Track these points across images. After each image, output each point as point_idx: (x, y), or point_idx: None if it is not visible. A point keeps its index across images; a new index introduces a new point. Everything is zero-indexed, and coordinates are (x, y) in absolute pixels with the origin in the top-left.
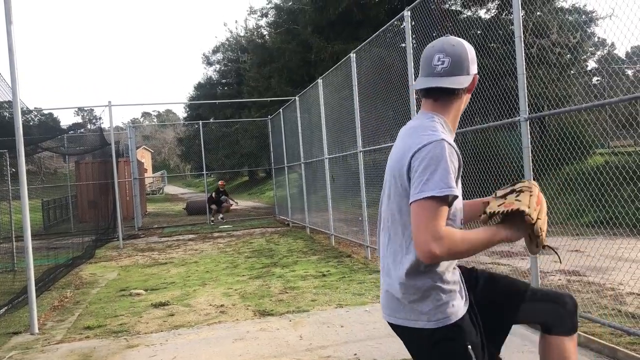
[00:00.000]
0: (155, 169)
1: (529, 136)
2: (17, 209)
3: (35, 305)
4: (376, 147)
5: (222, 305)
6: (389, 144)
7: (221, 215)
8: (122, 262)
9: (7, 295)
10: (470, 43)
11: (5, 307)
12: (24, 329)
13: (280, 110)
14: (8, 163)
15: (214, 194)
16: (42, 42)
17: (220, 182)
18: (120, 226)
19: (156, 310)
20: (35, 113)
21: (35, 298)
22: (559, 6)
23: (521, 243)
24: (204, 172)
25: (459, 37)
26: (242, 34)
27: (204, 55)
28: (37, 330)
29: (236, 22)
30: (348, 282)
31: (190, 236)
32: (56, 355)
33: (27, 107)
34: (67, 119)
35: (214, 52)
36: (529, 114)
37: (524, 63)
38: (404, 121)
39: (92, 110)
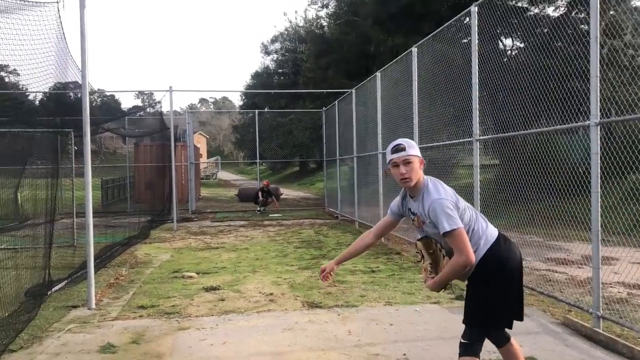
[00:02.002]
0: (209, 154)
1: (599, 142)
2: (78, 186)
3: (93, 281)
4: (433, 144)
5: (271, 294)
6: (446, 142)
7: (264, 208)
8: (175, 244)
9: (67, 269)
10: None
11: (65, 281)
12: (82, 304)
13: (336, 102)
14: (73, 142)
15: (260, 193)
16: (109, 26)
17: (264, 182)
18: (175, 209)
19: (207, 294)
20: (98, 94)
21: (94, 274)
22: (634, 6)
23: (566, 247)
24: (257, 161)
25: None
26: (301, 25)
27: (262, 44)
28: (94, 306)
29: (296, 12)
30: (398, 280)
31: (242, 222)
32: (112, 332)
33: (92, 88)
34: (127, 102)
35: (272, 41)
36: (600, 118)
37: (598, 65)
38: (464, 120)
39: (152, 94)
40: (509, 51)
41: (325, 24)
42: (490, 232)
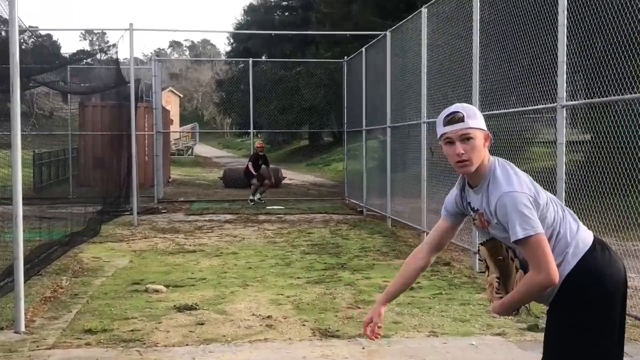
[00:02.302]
0: (184, 120)
1: None
2: (1, 162)
3: (22, 294)
4: (497, 111)
5: (269, 317)
6: (517, 109)
7: (258, 196)
8: (136, 245)
9: None
10: None
11: None
12: (6, 325)
13: (363, 49)
14: None
15: (250, 164)
16: None
17: (258, 144)
18: (136, 196)
19: (180, 315)
20: (30, 34)
21: (23, 285)
22: None
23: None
24: (251, 130)
25: None
26: None
27: None
28: (23, 328)
29: None
30: (446, 301)
31: (228, 217)
32: None
33: (22, 25)
34: (70, 45)
35: None
36: None
37: None
38: (545, 81)
39: (104, 34)
40: None
41: None
42: (582, 236)
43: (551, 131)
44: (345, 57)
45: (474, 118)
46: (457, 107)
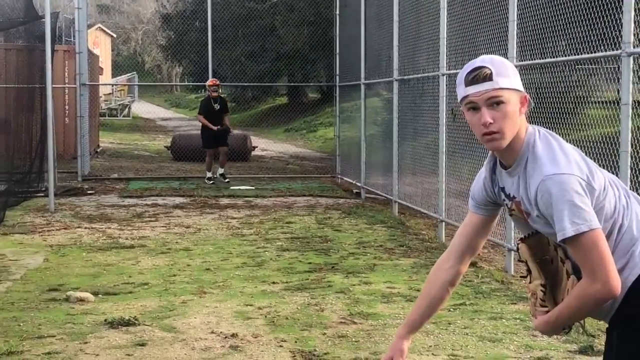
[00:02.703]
0: (118, 69)
1: None
2: None
3: None
4: (541, 60)
5: (234, 335)
6: (569, 57)
7: (221, 171)
8: (53, 238)
9: None
10: None
11: None
12: None
13: None
14: None
15: (202, 117)
16: None
17: (210, 81)
18: (53, 172)
19: (113, 332)
20: None
21: None
22: None
23: None
24: (209, 84)
25: None
26: None
27: None
28: None
29: None
30: (471, 314)
31: (179, 200)
32: None
33: None
34: None
35: None
36: None
37: None
38: (607, 21)
39: None
40: None
41: None
42: None
43: (613, 87)
44: None
45: (506, 75)
46: (483, 60)
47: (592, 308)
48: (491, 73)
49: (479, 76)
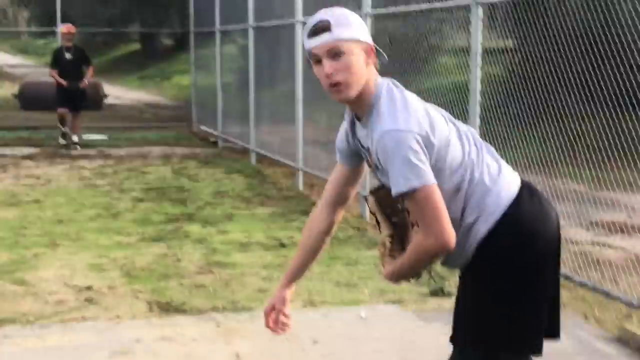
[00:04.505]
0: None
1: None
2: None
3: None
4: (395, 8)
5: (88, 288)
6: (422, 5)
7: (76, 139)
8: None
9: None
10: None
11: None
12: None
13: None
14: None
15: (56, 73)
16: None
17: (65, 28)
18: None
19: None
20: None
21: None
22: None
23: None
24: (57, 29)
25: None
26: None
27: None
28: None
29: None
30: (327, 260)
31: (28, 150)
32: None
33: None
34: None
35: None
36: None
37: None
38: None
39: None
40: None
41: None
42: (505, 181)
43: (463, 35)
44: None
45: (347, 26)
46: (323, 13)
47: (427, 261)
48: (329, 24)
49: (317, 29)
